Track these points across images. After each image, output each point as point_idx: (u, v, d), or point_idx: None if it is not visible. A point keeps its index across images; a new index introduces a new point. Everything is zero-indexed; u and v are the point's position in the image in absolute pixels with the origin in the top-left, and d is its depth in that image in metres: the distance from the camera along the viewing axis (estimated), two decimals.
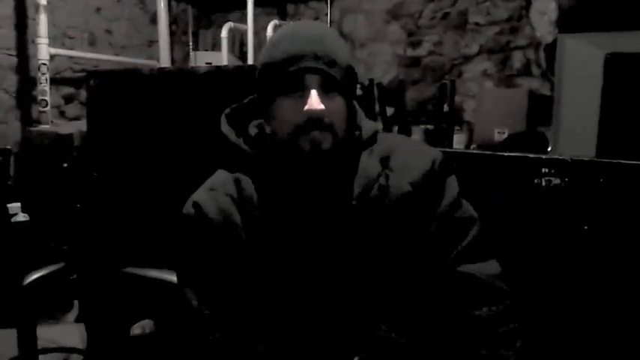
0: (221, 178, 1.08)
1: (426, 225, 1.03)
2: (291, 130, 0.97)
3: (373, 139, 1.07)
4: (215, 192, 1.05)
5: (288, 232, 0.99)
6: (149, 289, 1.73)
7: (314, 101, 0.94)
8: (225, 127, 1.07)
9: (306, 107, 0.94)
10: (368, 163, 1.04)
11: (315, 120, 0.95)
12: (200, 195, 1.06)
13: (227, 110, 1.10)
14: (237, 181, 1.04)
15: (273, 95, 0.99)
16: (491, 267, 1.04)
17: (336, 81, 0.97)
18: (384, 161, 1.04)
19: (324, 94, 0.96)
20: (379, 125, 1.12)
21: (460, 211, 1.06)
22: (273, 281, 0.99)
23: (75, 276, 2.07)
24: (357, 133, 1.05)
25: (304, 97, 0.95)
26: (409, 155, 1.06)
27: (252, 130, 1.08)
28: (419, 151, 1.09)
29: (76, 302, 2.70)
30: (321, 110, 0.94)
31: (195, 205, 1.04)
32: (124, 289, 1.83)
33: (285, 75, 0.96)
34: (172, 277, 1.63)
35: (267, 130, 1.04)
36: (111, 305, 1.96)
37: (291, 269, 0.98)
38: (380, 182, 1.02)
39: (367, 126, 1.07)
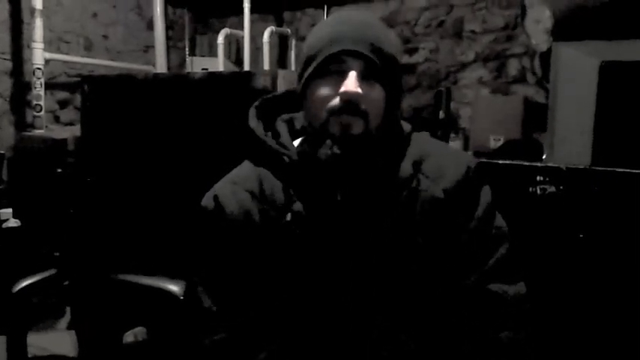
0: (244, 171, 1.05)
1: (457, 234, 0.98)
2: (324, 114, 0.93)
3: (407, 139, 1.03)
4: (236, 186, 1.02)
5: (306, 233, 0.96)
6: (142, 297, 1.71)
7: (351, 83, 0.90)
8: (252, 121, 1.04)
9: (342, 89, 0.90)
10: (400, 166, 0.99)
11: (350, 104, 0.91)
12: (221, 188, 1.04)
13: (256, 102, 1.07)
14: (259, 177, 1.01)
15: (310, 80, 0.95)
16: (519, 288, 1.00)
17: (378, 68, 0.92)
18: (417, 165, 1.00)
19: (363, 80, 0.92)
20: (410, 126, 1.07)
21: (493, 224, 1.01)
22: (286, 282, 0.96)
23: (67, 282, 2.05)
24: (393, 133, 1.00)
25: (341, 80, 0.91)
26: (443, 161, 1.01)
27: (280, 125, 1.04)
28: (453, 156, 1.04)
29: (67, 309, 2.68)
30: (357, 94, 0.90)
31: (215, 198, 1.02)
32: (117, 296, 1.82)
33: (325, 58, 0.92)
34: (165, 285, 1.62)
35: (297, 125, 1.02)
36: (103, 312, 1.95)
37: (306, 270, 0.95)
38: (411, 186, 0.98)
39: (404, 127, 1.04)
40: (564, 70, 2.01)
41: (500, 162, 1.52)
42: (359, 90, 0.90)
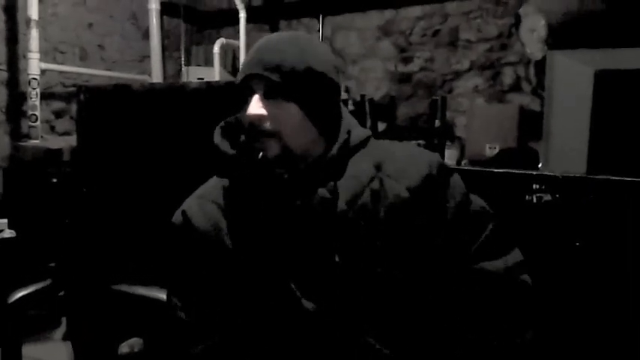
0: (211, 185, 1.08)
1: (433, 230, 0.99)
2: (245, 138, 0.98)
3: (363, 144, 1.04)
4: (203, 199, 1.05)
5: (272, 240, 0.97)
6: (138, 307, 1.71)
7: (251, 107, 0.94)
8: (217, 138, 1.06)
9: (246, 113, 0.94)
10: (359, 168, 1.00)
11: (255, 126, 0.94)
12: (188, 203, 1.07)
13: (222, 123, 1.09)
14: (225, 189, 1.04)
15: (240, 106, 1.00)
16: (510, 259, 1.01)
17: (280, 86, 0.94)
18: (378, 166, 1.01)
19: (267, 100, 0.95)
20: (368, 131, 1.08)
21: (470, 208, 1.02)
22: (258, 289, 0.97)
23: (62, 293, 2.04)
24: (344, 136, 1.01)
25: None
26: (405, 160, 1.02)
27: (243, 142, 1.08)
28: (415, 155, 1.04)
29: (63, 319, 2.66)
30: (260, 116, 0.93)
31: (183, 213, 1.05)
32: (113, 306, 1.81)
33: (238, 85, 0.97)
34: (162, 295, 1.61)
35: None
36: (99, 323, 1.93)
37: (276, 277, 0.96)
38: (372, 187, 0.98)
39: (356, 132, 1.04)
40: (559, 78, 2.03)
41: (496, 170, 1.52)
42: (261, 111, 0.93)
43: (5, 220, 2.48)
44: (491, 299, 0.98)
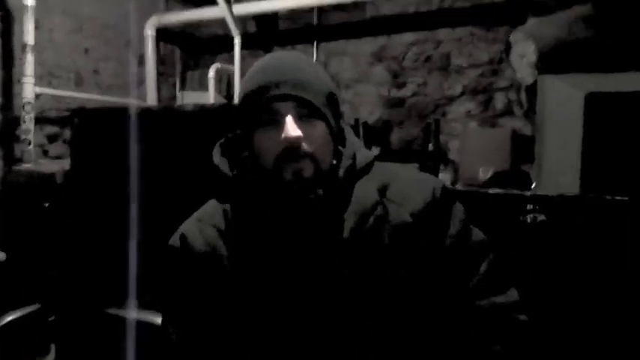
0: (210, 208, 1.06)
1: (433, 257, 0.97)
2: (273, 162, 0.92)
3: (368, 168, 1.02)
4: (201, 223, 1.02)
5: (274, 267, 0.95)
6: (130, 331, 1.68)
7: (289, 128, 0.90)
8: (216, 158, 1.03)
9: (283, 135, 0.90)
10: (364, 193, 0.98)
11: (293, 148, 0.90)
12: (187, 226, 1.04)
13: (222, 140, 1.07)
14: (225, 212, 1.01)
15: (252, 129, 0.96)
16: (509, 296, 1.00)
17: (313, 106, 0.92)
18: (382, 191, 0.99)
19: (300, 120, 0.92)
20: (372, 154, 1.05)
21: (471, 239, 1.01)
22: (258, 316, 0.95)
23: (53, 318, 2.01)
24: (350, 161, 0.99)
25: (280, 126, 0.91)
26: (409, 185, 1.01)
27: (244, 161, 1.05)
28: (419, 180, 1.03)
29: (52, 346, 2.61)
30: (298, 137, 0.90)
31: (182, 236, 1.02)
32: (104, 331, 1.78)
33: (258, 107, 0.93)
34: (154, 319, 1.59)
35: (253, 161, 1.01)
36: (90, 349, 1.90)
37: (277, 304, 0.94)
38: (377, 213, 0.97)
39: (362, 154, 1.02)
40: (550, 101, 2.05)
41: (491, 191, 1.53)
42: (299, 133, 0.90)
43: None
44: (487, 337, 0.97)
